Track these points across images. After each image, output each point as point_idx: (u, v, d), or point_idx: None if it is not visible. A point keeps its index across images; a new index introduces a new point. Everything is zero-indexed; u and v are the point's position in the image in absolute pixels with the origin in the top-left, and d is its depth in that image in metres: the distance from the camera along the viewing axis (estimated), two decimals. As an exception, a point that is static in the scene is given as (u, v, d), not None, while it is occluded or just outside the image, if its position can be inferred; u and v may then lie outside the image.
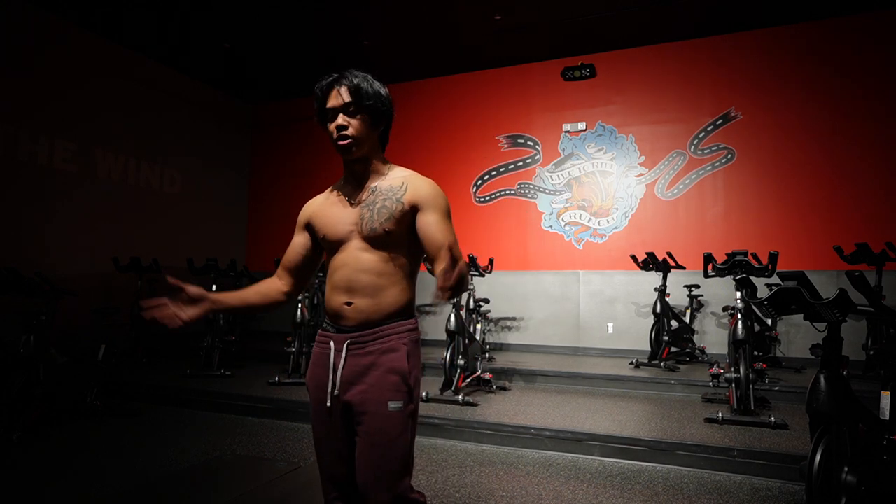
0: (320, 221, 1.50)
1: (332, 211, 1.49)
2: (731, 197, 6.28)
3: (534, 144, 7.19)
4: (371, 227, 1.42)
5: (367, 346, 1.39)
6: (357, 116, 1.41)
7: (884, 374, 2.29)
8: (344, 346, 1.40)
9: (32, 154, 5.75)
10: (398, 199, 1.42)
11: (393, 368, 1.38)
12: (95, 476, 2.94)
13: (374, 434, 1.34)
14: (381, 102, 1.44)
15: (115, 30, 6.39)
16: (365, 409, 1.36)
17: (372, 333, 1.40)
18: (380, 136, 1.50)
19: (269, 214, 8.63)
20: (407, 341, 1.42)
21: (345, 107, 1.40)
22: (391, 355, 1.39)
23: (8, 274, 3.92)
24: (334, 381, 1.40)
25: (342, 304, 1.41)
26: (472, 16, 6.08)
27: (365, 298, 1.39)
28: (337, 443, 1.43)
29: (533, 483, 2.93)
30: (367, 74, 1.44)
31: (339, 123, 1.40)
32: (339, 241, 1.45)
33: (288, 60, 7.32)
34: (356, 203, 1.47)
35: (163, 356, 6.24)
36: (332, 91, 1.42)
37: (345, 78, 1.41)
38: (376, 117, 1.44)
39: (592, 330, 6.61)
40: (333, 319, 1.45)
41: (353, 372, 1.39)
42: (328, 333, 1.46)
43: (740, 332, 3.78)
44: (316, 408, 1.45)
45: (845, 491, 2.01)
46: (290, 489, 2.79)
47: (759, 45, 6.27)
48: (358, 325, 1.40)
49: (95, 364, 4.24)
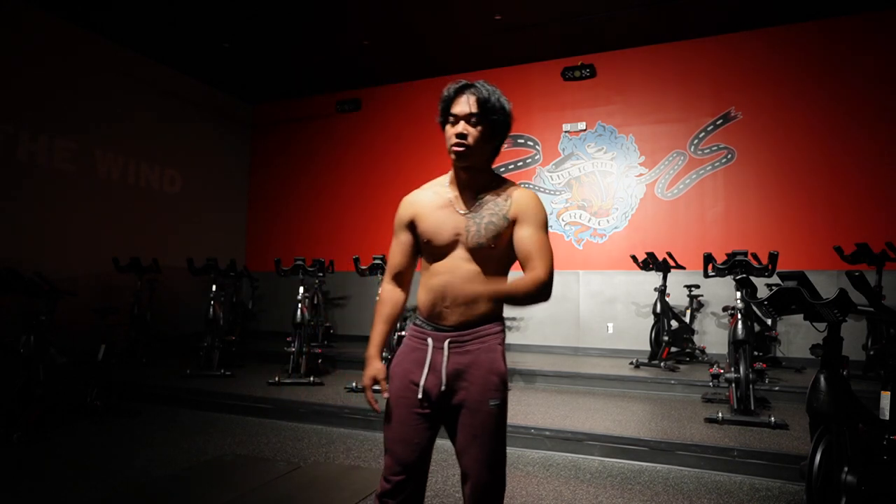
0: (425, 224, 1.52)
1: (439, 215, 1.51)
2: (731, 197, 6.28)
3: (534, 144, 7.19)
4: (477, 241, 1.46)
5: (466, 346, 1.46)
6: (478, 127, 1.44)
7: (884, 374, 2.29)
8: (445, 343, 1.46)
9: (32, 154, 5.75)
10: (504, 215, 1.47)
11: (493, 370, 1.46)
12: (95, 476, 2.94)
13: (477, 428, 1.43)
14: (504, 118, 1.48)
15: (116, 30, 6.39)
16: (468, 405, 1.44)
17: (470, 333, 1.46)
18: (493, 148, 1.53)
19: (269, 214, 8.64)
20: (500, 342, 1.49)
21: (469, 116, 1.44)
22: (490, 356, 1.46)
23: (8, 274, 3.92)
24: (437, 376, 1.46)
25: (443, 307, 1.46)
26: (472, 16, 6.08)
27: (463, 305, 1.46)
28: (415, 433, 1.48)
29: (533, 483, 2.93)
30: (496, 88, 1.48)
31: (459, 131, 1.44)
32: (444, 247, 1.49)
33: (288, 60, 7.32)
34: (464, 211, 1.50)
35: (163, 356, 6.24)
36: (460, 97, 1.45)
37: (475, 87, 1.45)
38: (496, 131, 1.48)
39: (592, 330, 6.61)
40: (431, 318, 1.50)
41: (455, 369, 1.46)
42: (425, 331, 1.50)
43: (740, 332, 3.78)
44: (401, 396, 1.49)
45: (845, 491, 2.01)
46: (290, 489, 2.79)
47: (759, 45, 6.27)
48: (456, 325, 1.47)
49: (95, 364, 4.24)
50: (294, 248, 7.81)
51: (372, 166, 7.98)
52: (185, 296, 7.16)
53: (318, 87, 8.21)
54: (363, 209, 7.95)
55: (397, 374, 1.52)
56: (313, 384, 4.85)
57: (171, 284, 6.83)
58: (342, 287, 7.79)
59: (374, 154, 8.01)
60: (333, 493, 2.74)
